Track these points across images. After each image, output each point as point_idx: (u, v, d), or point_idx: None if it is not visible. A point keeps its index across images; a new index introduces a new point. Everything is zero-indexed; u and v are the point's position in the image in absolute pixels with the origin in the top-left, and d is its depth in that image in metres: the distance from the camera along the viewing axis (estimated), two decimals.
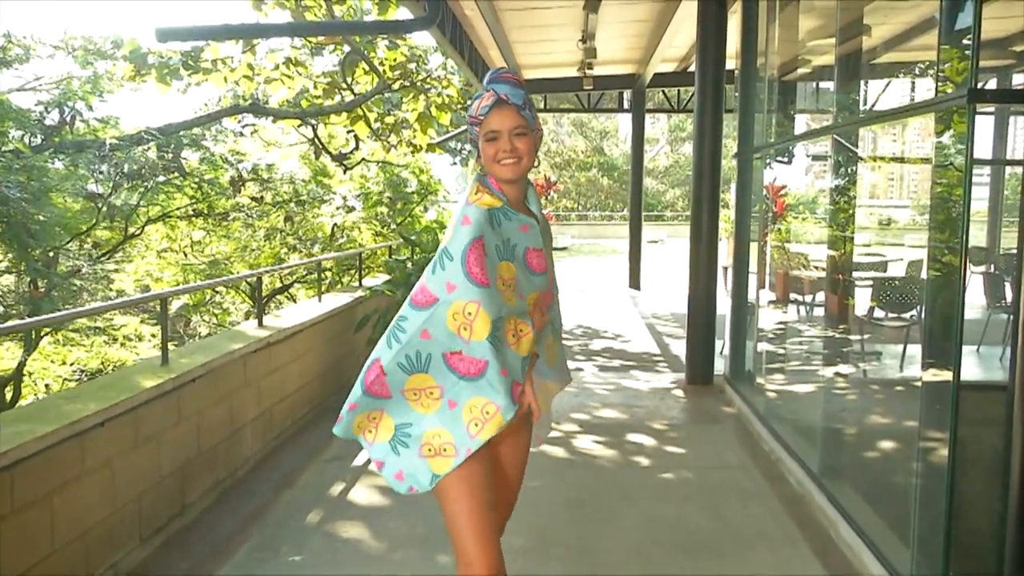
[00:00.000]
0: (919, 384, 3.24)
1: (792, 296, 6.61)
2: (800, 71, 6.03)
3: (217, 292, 14.70)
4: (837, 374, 4.98)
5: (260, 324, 5.51)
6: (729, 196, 7.47)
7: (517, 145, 2.09)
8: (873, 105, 4.97)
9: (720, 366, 7.09)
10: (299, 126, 13.14)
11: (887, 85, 5.07)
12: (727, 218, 8.50)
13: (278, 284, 14.31)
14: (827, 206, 5.22)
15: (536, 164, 2.05)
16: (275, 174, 13.90)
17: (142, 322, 13.28)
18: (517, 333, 2.10)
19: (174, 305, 13.27)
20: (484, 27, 9.28)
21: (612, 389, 6.93)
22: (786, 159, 6.30)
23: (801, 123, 6.59)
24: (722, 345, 7.21)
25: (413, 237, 7.37)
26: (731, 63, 6.95)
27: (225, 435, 4.59)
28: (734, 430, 5.69)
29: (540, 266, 2.18)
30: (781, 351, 6.23)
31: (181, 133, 11.40)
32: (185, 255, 13.81)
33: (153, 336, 13.12)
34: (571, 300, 13.59)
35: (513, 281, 2.10)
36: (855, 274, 5.68)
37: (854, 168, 5.15)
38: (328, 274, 13.17)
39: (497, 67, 2.12)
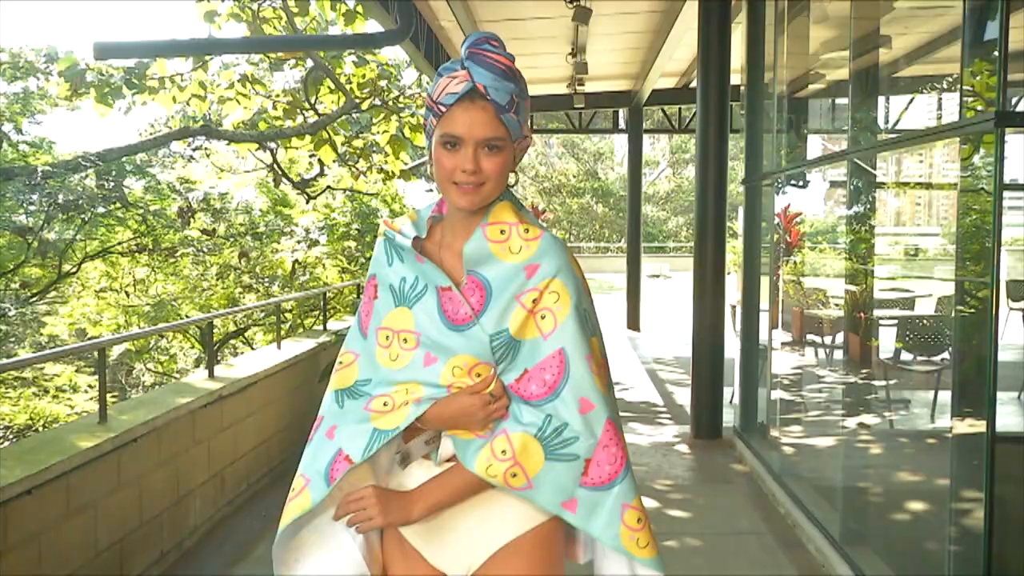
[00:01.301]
0: (950, 436, 3.25)
1: (809, 337, 6.65)
2: (812, 87, 6.12)
3: (163, 337, 14.62)
4: (860, 425, 4.99)
5: (211, 375, 5.48)
6: (737, 225, 7.52)
7: (484, 165, 1.59)
8: (895, 124, 5.06)
9: (729, 417, 7.09)
10: (256, 150, 13.20)
11: (910, 102, 5.16)
12: (735, 249, 8.57)
13: (232, 327, 14.26)
14: (846, 235, 5.27)
15: (513, 183, 1.72)
16: (229, 204, 13.94)
17: (77, 370, 13.18)
18: (393, 402, 1.66)
19: (114, 351, 13.18)
20: (462, 39, 9.38)
21: None
22: (800, 183, 6.37)
23: (815, 144, 6.68)
24: (731, 394, 7.21)
25: None
26: (737, 78, 7.06)
27: (171, 502, 4.54)
28: (746, 491, 5.67)
29: (461, 318, 1.64)
30: (798, 400, 6.25)
31: (123, 159, 11.43)
32: (127, 295, 13.76)
33: (90, 387, 13.02)
34: None
35: (408, 335, 1.66)
36: (878, 312, 5.73)
37: (875, 193, 5.21)
38: (288, 316, 13.15)
39: (482, 32, 1.62)
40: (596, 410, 1.62)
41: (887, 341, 5.54)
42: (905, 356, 5.61)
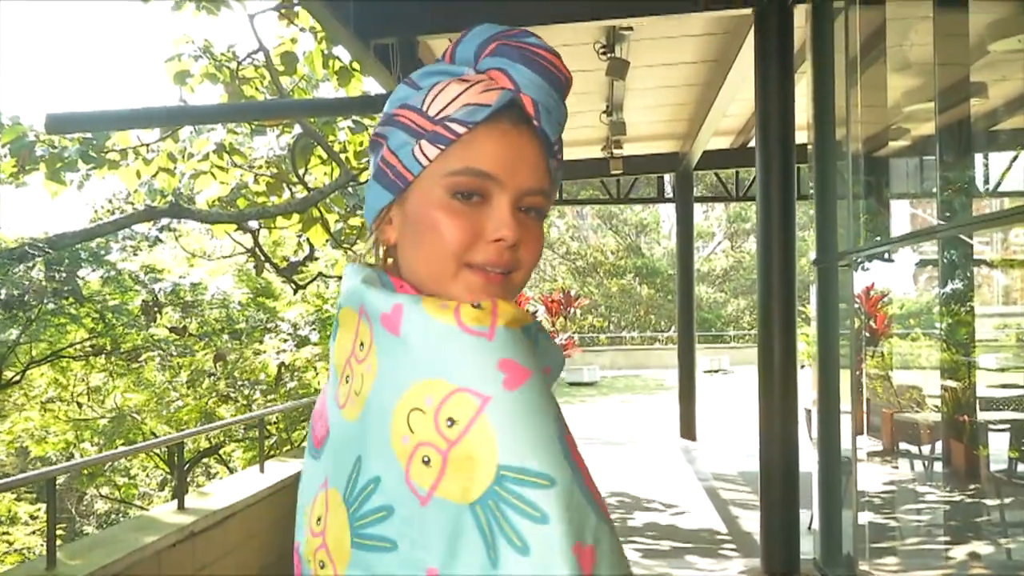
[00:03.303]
0: None
1: (903, 445, 6.58)
2: (894, 144, 6.20)
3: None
4: (971, 556, 4.91)
5: (181, 505, 5.48)
6: (809, 308, 7.52)
7: (525, 235, 1.15)
8: (995, 186, 5.09)
9: (808, 547, 6.97)
10: (235, 231, 13.40)
11: (1013, 159, 5.20)
12: (808, 338, 8.52)
13: (205, 444, 14.27)
14: (943, 319, 5.27)
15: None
16: (202, 296, 14.11)
17: (18, 498, 13.18)
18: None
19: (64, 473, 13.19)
20: None
21: None
22: (886, 257, 6.39)
23: (901, 212, 6.73)
24: (810, 518, 7.11)
25: None
26: (803, 136, 7.14)
27: None
28: None
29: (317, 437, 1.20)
30: (892, 524, 6.16)
31: (78, 245, 11.62)
32: (79, 406, 13.85)
33: (33, 518, 12.99)
34: (602, 458, 13.48)
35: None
36: (986, 414, 5.67)
37: (977, 267, 5.23)
38: (273, 430, 13.15)
39: (504, 30, 1.18)
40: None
41: (999, 449, 5.48)
42: (1022, 468, 5.54)
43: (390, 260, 1.19)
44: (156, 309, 12.62)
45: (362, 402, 1.04)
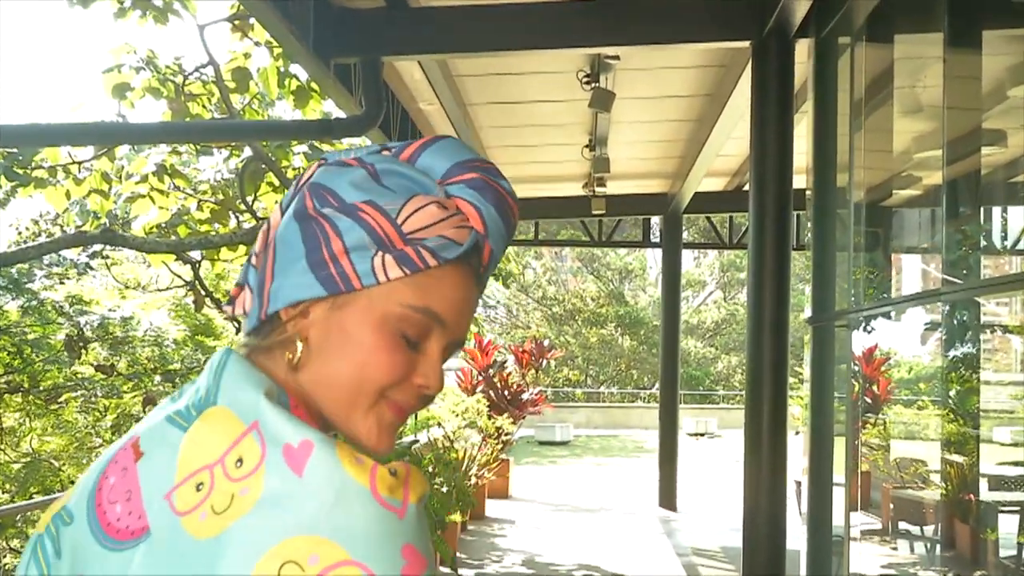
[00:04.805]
0: None
1: (902, 525, 6.58)
2: (901, 194, 6.24)
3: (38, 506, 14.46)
4: None
5: None
6: (804, 370, 7.54)
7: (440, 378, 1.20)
8: (1014, 244, 5.13)
9: None
10: (174, 262, 13.34)
11: None
12: (802, 402, 8.54)
13: None
14: (953, 388, 5.29)
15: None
16: (134, 331, 14.01)
17: None
18: None
19: None
20: (448, 127, 9.62)
21: None
22: (889, 318, 6.42)
23: (908, 270, 6.76)
24: None
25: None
26: (802, 180, 7.18)
27: None
28: None
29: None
30: None
31: None
32: None
33: None
34: (572, 527, 13.42)
35: None
36: (994, 493, 5.68)
37: (991, 333, 5.25)
38: None
39: (481, 159, 1.23)
40: None
41: (1008, 533, 5.48)
42: None
43: (289, 358, 1.14)
44: (81, 344, 12.51)
45: (222, 525, 0.99)
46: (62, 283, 14.04)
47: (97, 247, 14.38)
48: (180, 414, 1.10)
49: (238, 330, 1.28)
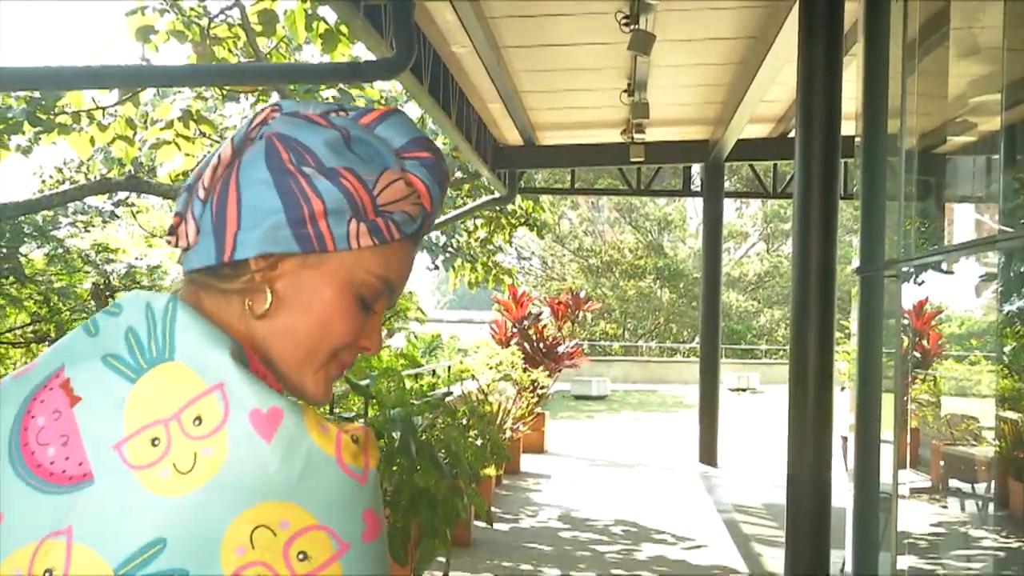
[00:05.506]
0: None
1: (953, 483, 6.56)
2: (956, 140, 6.16)
3: None
4: None
5: None
6: (851, 324, 7.50)
7: (380, 341, 1.36)
8: None
9: None
10: None
11: None
12: (848, 356, 8.50)
13: None
14: (1005, 341, 5.25)
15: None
16: (161, 280, 14.09)
17: None
18: None
19: None
20: (481, 71, 9.58)
21: None
22: (941, 269, 6.36)
23: (962, 219, 6.68)
24: (842, 560, 7.09)
25: (366, 383, 7.40)
26: (850, 127, 7.10)
27: None
28: None
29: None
30: (937, 570, 6.14)
31: (21, 218, 11.60)
32: None
33: None
34: (609, 482, 13.47)
35: None
36: None
37: None
38: None
39: (429, 138, 1.30)
40: None
41: None
42: None
43: (251, 307, 1.19)
44: (108, 293, 12.60)
45: (187, 486, 1.02)
46: (87, 231, 14.10)
47: (122, 195, 14.47)
48: (124, 363, 1.12)
49: None
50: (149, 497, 1.02)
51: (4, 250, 11.44)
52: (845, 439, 7.42)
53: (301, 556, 1.02)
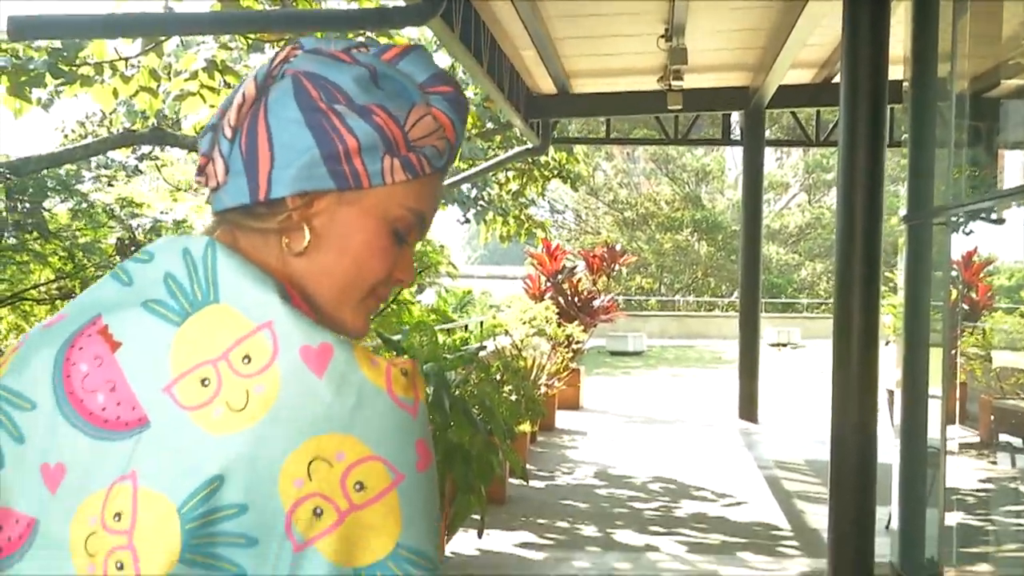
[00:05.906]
0: None
1: (1003, 437, 6.53)
2: (1009, 83, 6.08)
3: None
4: None
5: None
6: (896, 275, 7.44)
7: (413, 272, 1.40)
8: None
9: (884, 548, 6.94)
10: None
11: None
12: (894, 310, 8.43)
13: None
14: None
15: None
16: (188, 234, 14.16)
17: None
18: None
19: None
20: (513, 17, 9.51)
21: None
22: (993, 217, 6.30)
23: (1015, 165, 6.60)
24: (887, 516, 7.07)
25: (398, 338, 7.41)
26: (898, 71, 7.01)
27: None
28: None
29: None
30: (986, 527, 6.12)
31: (44, 172, 11.64)
32: None
33: None
34: (646, 439, 13.49)
35: None
36: None
37: None
38: None
39: (434, 64, 1.34)
40: None
41: None
42: None
43: (289, 245, 1.22)
44: (133, 248, 12.61)
45: (242, 423, 1.06)
46: (111, 186, 14.09)
47: (146, 148, 14.48)
48: (167, 307, 1.15)
49: None
50: (205, 436, 1.06)
51: (27, 204, 11.47)
52: (891, 393, 7.36)
53: (358, 486, 1.07)
